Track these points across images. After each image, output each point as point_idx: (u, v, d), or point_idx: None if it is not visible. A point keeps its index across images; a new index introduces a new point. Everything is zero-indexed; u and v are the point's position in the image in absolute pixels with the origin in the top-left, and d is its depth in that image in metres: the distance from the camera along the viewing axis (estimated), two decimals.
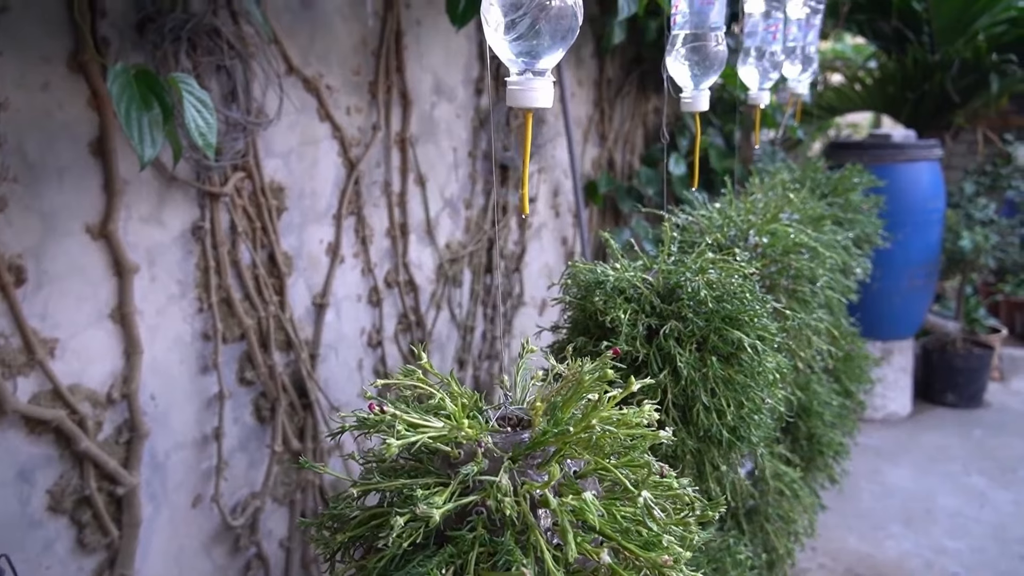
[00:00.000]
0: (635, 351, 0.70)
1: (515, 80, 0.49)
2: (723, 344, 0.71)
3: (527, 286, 2.18)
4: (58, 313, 1.07)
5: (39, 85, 1.02)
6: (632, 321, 0.70)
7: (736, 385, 0.70)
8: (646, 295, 0.72)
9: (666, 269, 0.75)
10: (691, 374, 0.69)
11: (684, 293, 0.71)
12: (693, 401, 0.70)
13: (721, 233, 0.95)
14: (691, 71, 0.74)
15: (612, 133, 2.50)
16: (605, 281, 0.72)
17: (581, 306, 0.74)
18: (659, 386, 0.69)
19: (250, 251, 1.33)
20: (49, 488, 1.08)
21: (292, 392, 1.44)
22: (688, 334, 0.70)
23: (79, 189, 1.08)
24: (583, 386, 0.52)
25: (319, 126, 1.47)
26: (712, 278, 0.72)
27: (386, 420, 0.52)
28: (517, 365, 0.64)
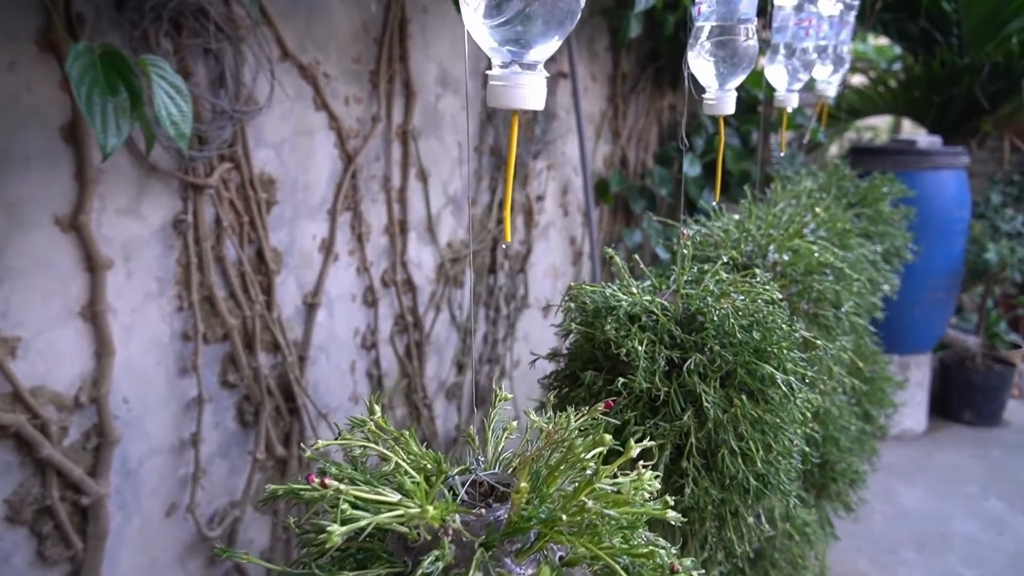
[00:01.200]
0: (655, 388, 0.61)
1: (498, 75, 0.40)
2: (751, 380, 0.62)
3: (532, 287, 2.10)
4: (22, 310, 1.00)
5: (4, 65, 0.94)
6: (650, 354, 0.62)
7: (765, 426, 0.61)
8: (663, 323, 0.64)
9: (685, 293, 0.67)
10: (718, 415, 0.60)
11: (708, 321, 0.62)
12: (719, 445, 0.61)
13: (738, 249, 0.87)
14: (717, 68, 0.66)
15: (626, 130, 2.41)
16: (618, 307, 0.63)
17: (588, 335, 0.66)
18: (681, 429, 0.61)
19: (236, 247, 1.25)
20: (7, 497, 1.01)
21: (278, 396, 1.36)
22: (714, 369, 0.62)
23: (48, 178, 1.00)
24: (574, 454, 0.44)
25: (315, 116, 1.38)
26: (740, 304, 0.63)
27: (328, 497, 0.43)
28: (489, 416, 0.55)
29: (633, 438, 0.60)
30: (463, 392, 1.88)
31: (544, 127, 1.96)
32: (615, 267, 0.74)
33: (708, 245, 0.95)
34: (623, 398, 0.60)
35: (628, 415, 0.60)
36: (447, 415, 1.86)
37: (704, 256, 0.92)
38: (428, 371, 1.76)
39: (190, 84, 1.13)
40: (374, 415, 0.51)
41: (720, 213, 1.05)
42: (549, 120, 1.99)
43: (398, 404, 1.68)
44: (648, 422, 0.61)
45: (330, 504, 0.42)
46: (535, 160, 2.01)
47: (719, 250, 0.92)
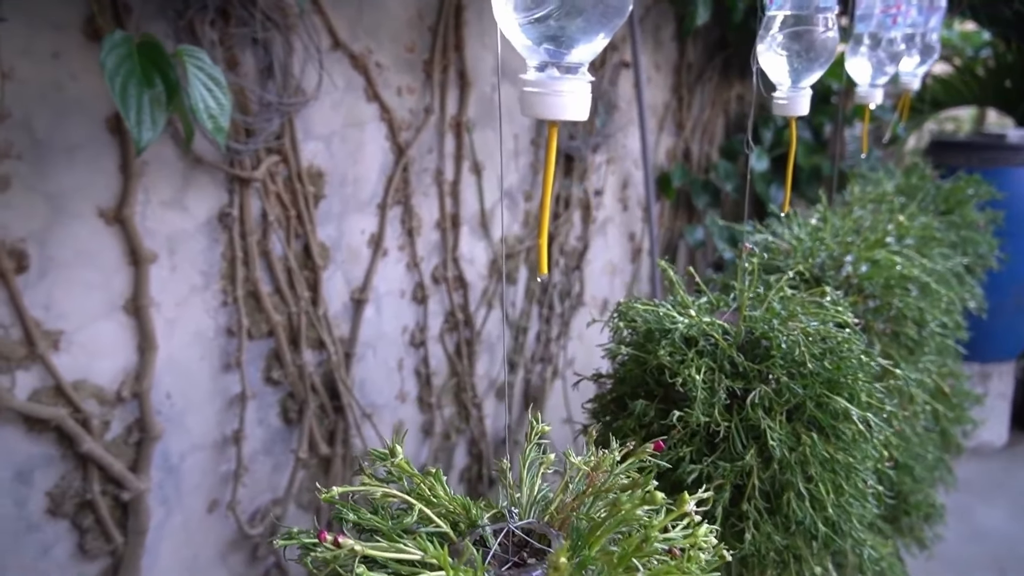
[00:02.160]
0: (714, 422, 0.55)
1: (533, 80, 0.35)
2: (822, 415, 0.55)
3: (588, 285, 2.03)
4: (64, 303, 0.99)
5: (49, 54, 0.93)
6: (709, 383, 0.55)
7: (836, 465, 0.54)
8: (724, 348, 0.57)
9: (747, 315, 0.60)
10: (784, 454, 0.53)
11: (775, 348, 0.56)
12: (784, 487, 0.55)
13: (809, 260, 0.79)
14: (790, 64, 0.58)
15: (690, 122, 2.31)
16: (673, 329, 0.57)
17: (638, 358, 0.60)
18: (743, 469, 0.54)
19: (282, 241, 1.22)
20: (49, 490, 1.00)
21: (323, 393, 1.34)
22: (782, 402, 0.55)
23: (92, 169, 0.99)
24: (620, 510, 0.38)
25: (366, 107, 1.35)
26: (810, 329, 0.56)
27: (341, 557, 0.38)
28: (523, 454, 0.50)
29: (690, 477, 0.54)
30: (514, 392, 1.84)
31: (604, 119, 1.89)
32: (667, 282, 0.67)
33: (778, 253, 0.87)
34: (677, 431, 0.54)
35: (683, 451, 0.54)
36: (497, 414, 1.81)
37: (772, 266, 0.84)
38: (478, 370, 1.72)
39: (236, 75, 1.10)
40: (396, 456, 0.46)
41: (794, 217, 0.97)
42: (609, 112, 1.92)
43: (447, 403, 1.64)
44: (705, 460, 0.54)
45: (342, 566, 0.37)
46: (594, 154, 1.94)
47: (789, 259, 0.84)
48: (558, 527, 0.43)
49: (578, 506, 0.42)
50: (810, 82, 0.60)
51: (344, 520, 0.43)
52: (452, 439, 1.67)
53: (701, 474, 0.54)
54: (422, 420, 1.60)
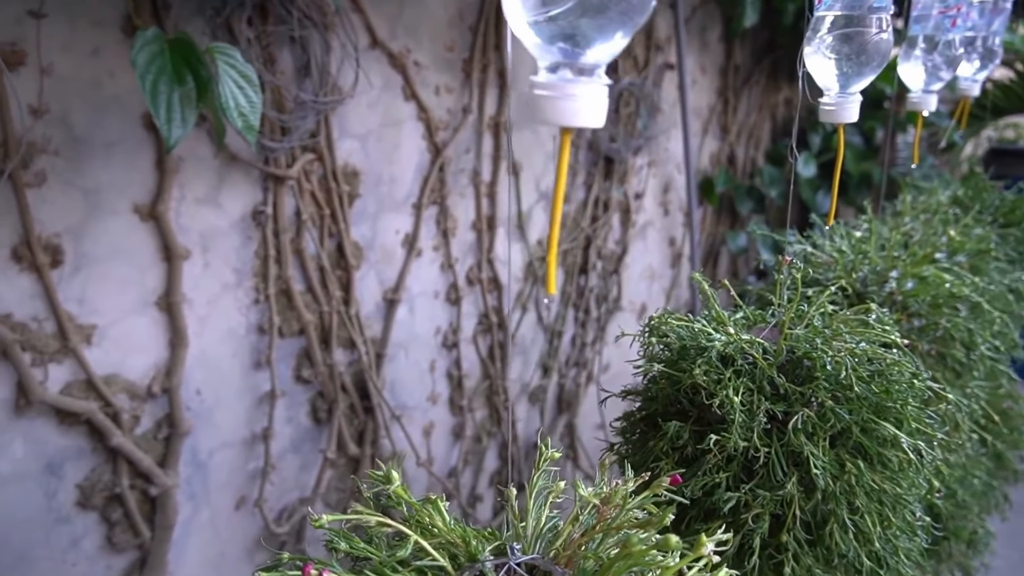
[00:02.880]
0: (753, 448, 0.52)
1: (544, 82, 0.32)
2: (868, 441, 0.52)
3: (626, 290, 2.00)
4: (98, 298, 0.99)
5: (88, 51, 0.93)
6: (748, 405, 0.52)
7: (883, 496, 0.51)
8: (764, 368, 0.54)
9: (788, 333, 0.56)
10: (829, 483, 0.50)
11: (818, 369, 0.52)
12: (828, 518, 0.51)
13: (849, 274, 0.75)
14: (839, 68, 0.55)
15: (735, 126, 2.26)
16: (710, 347, 0.54)
17: (670, 375, 0.57)
18: (783, 499, 0.51)
19: (315, 240, 1.22)
20: (79, 482, 1.01)
21: (353, 393, 1.33)
22: (826, 427, 0.52)
23: (128, 166, 0.99)
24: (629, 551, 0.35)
25: (403, 106, 1.34)
26: (858, 350, 0.53)
27: None
28: (530, 484, 0.47)
29: (726, 506, 0.51)
30: (547, 396, 1.81)
31: (646, 122, 1.85)
32: (703, 296, 0.64)
33: (817, 265, 0.83)
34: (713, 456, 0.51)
35: (719, 477, 0.51)
36: (529, 419, 1.79)
37: (811, 278, 0.81)
38: (511, 373, 1.70)
39: (273, 73, 1.10)
40: (393, 482, 0.44)
41: (837, 227, 0.93)
42: (652, 114, 1.88)
43: (478, 406, 1.63)
44: (743, 487, 0.51)
45: None
46: (635, 156, 1.90)
47: (829, 272, 0.80)
48: (564, 564, 0.40)
49: (587, 542, 0.40)
50: (860, 87, 0.56)
51: (336, 549, 0.42)
52: (483, 442, 1.66)
53: (738, 502, 0.51)
54: (453, 423, 1.58)
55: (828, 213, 0.66)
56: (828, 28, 0.54)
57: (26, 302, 0.93)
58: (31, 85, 0.89)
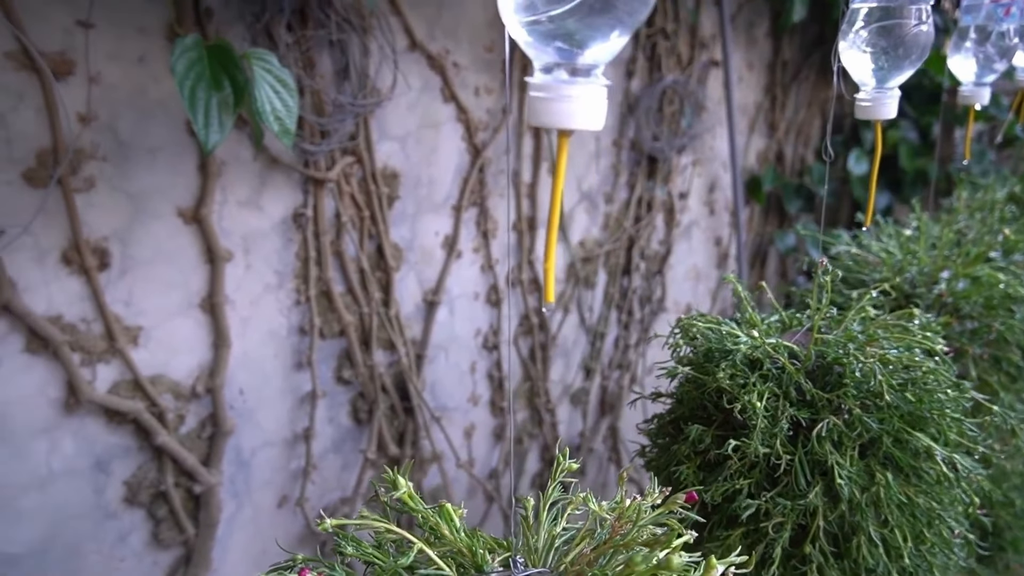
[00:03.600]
0: (775, 455, 0.50)
1: (539, 83, 0.31)
2: (900, 452, 0.50)
3: (670, 290, 1.97)
4: (143, 300, 1.02)
5: (134, 58, 0.96)
6: (772, 411, 0.51)
7: (916, 510, 0.49)
8: (791, 373, 0.52)
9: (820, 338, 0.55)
10: (855, 495, 0.48)
11: (848, 376, 0.50)
12: (855, 531, 0.49)
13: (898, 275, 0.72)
14: (875, 62, 0.53)
15: (784, 123, 2.21)
16: (735, 351, 0.53)
17: (697, 379, 0.55)
18: (806, 508, 0.49)
19: (355, 242, 1.23)
20: (126, 479, 1.04)
21: (393, 394, 1.34)
22: (853, 436, 0.50)
23: (172, 170, 1.02)
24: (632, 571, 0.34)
25: (442, 107, 1.34)
26: (890, 356, 0.51)
27: None
28: (545, 495, 0.46)
29: (745, 513, 0.49)
30: (589, 398, 1.80)
31: (691, 120, 1.83)
32: (736, 297, 0.62)
33: (864, 266, 0.81)
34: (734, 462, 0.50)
35: (740, 483, 0.50)
36: (571, 421, 1.78)
37: (857, 280, 0.78)
38: (553, 375, 1.69)
39: (313, 77, 1.11)
40: (400, 489, 0.44)
41: (885, 226, 0.90)
42: (696, 112, 1.85)
43: (520, 408, 1.62)
44: (764, 495, 0.50)
45: None
46: (679, 155, 1.87)
47: (876, 273, 0.78)
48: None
49: (596, 559, 0.39)
50: (898, 82, 0.54)
51: (343, 553, 0.42)
52: (524, 444, 1.65)
53: (758, 510, 0.49)
54: (494, 424, 1.58)
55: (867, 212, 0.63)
56: (864, 21, 0.52)
57: (75, 304, 0.96)
58: (79, 93, 0.92)
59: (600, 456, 1.89)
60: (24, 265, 0.91)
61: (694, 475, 0.53)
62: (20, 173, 0.89)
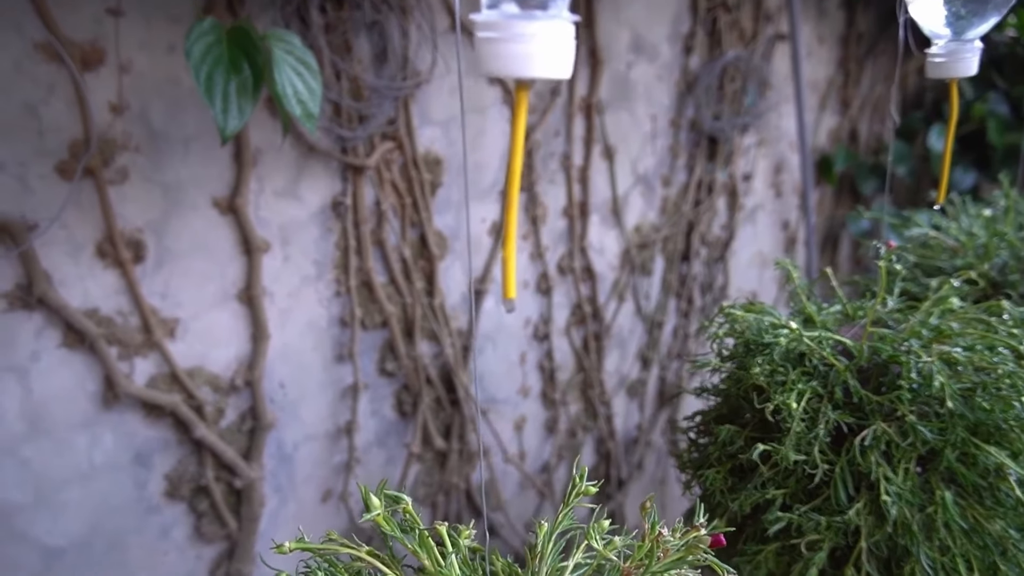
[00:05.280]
0: (811, 463, 0.44)
1: (488, 21, 0.25)
2: (966, 469, 0.42)
3: (733, 277, 1.88)
4: (180, 292, 1.00)
5: (165, 47, 0.94)
6: (811, 413, 0.44)
7: (987, 537, 0.42)
8: (840, 371, 0.46)
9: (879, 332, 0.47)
10: (905, 515, 0.41)
11: (904, 377, 0.43)
12: (906, 556, 0.43)
13: (984, 261, 0.64)
14: (950, 9, 0.45)
15: (857, 99, 2.08)
16: (774, 345, 0.46)
17: (735, 374, 0.49)
18: (846, 526, 0.43)
19: (396, 231, 1.19)
20: (167, 473, 1.03)
21: (439, 386, 1.30)
22: (906, 447, 0.43)
23: (207, 160, 1.00)
24: None
25: (487, 90, 1.29)
26: (958, 356, 0.43)
27: None
28: (554, 523, 0.41)
29: (772, 528, 0.43)
30: (647, 390, 1.73)
31: (754, 98, 1.72)
32: (791, 282, 0.55)
33: (939, 251, 0.72)
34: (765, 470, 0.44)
35: (771, 492, 0.44)
36: (628, 413, 1.72)
37: (932, 267, 0.70)
38: (607, 366, 1.62)
39: (349, 61, 1.08)
40: (372, 510, 0.39)
41: (962, 206, 0.80)
42: (761, 90, 1.75)
43: (572, 400, 1.57)
44: (798, 508, 0.43)
45: None
46: (742, 135, 1.78)
47: (956, 259, 0.69)
48: None
49: None
50: (978, 33, 0.46)
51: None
52: (578, 437, 1.60)
53: (790, 525, 0.43)
54: (545, 417, 1.53)
55: (940, 188, 0.55)
56: None
57: (111, 297, 0.95)
58: (110, 83, 0.90)
59: (659, 450, 1.82)
60: (59, 259, 0.90)
61: (723, 480, 0.47)
62: (53, 166, 0.88)
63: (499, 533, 1.44)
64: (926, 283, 0.67)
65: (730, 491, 0.46)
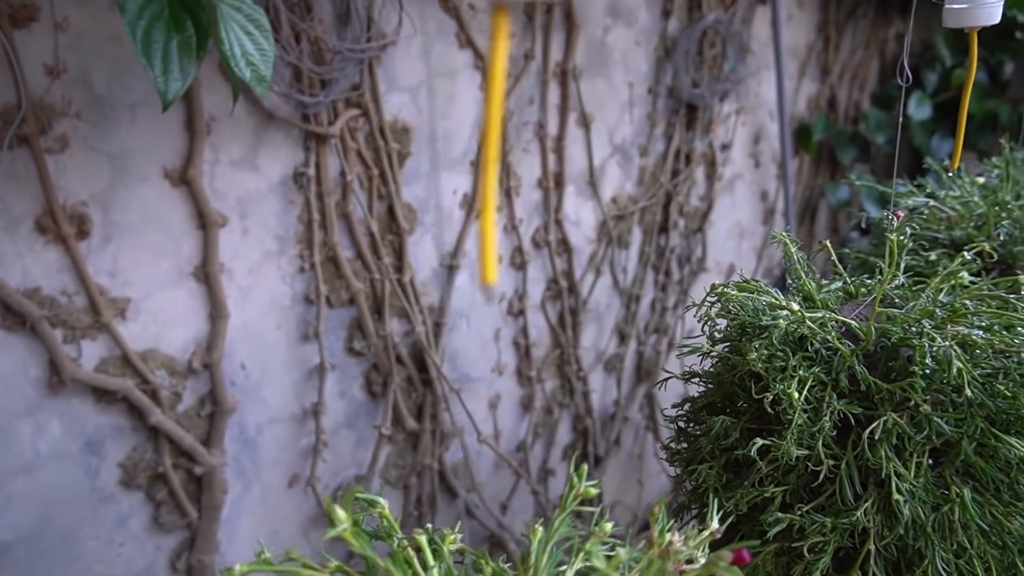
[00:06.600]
0: (815, 458, 0.39)
1: None
2: (985, 463, 0.39)
3: (711, 249, 1.84)
4: (130, 270, 0.94)
5: (107, 3, 0.86)
6: (814, 403, 0.40)
7: (1006, 536, 0.38)
8: (845, 356, 0.41)
9: (887, 312, 0.43)
10: (919, 514, 0.38)
11: (917, 363, 0.39)
12: (918, 558, 0.39)
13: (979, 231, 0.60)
14: None
15: (837, 66, 2.04)
16: (772, 327, 0.42)
17: (729, 359, 0.45)
18: (854, 527, 0.39)
19: (363, 203, 1.14)
20: (121, 461, 0.98)
21: (410, 365, 1.25)
22: (919, 440, 0.39)
23: (156, 128, 0.93)
24: None
25: (457, 54, 1.22)
26: (977, 338, 0.39)
27: None
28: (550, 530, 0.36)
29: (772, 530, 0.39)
30: (624, 364, 1.69)
31: (734, 64, 1.67)
32: (788, 258, 0.51)
33: (934, 221, 0.68)
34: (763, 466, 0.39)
35: (770, 490, 0.39)
36: (606, 389, 1.68)
37: (927, 237, 0.66)
38: (584, 341, 1.59)
39: (310, 21, 1.01)
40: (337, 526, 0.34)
41: (957, 175, 0.77)
42: (741, 55, 1.70)
43: (548, 377, 1.53)
44: (800, 508, 0.39)
45: None
46: (721, 102, 1.73)
47: (954, 230, 0.65)
48: None
49: None
50: None
51: None
52: (555, 414, 1.56)
53: (791, 527, 0.39)
54: (521, 394, 1.49)
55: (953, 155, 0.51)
56: None
57: (53, 275, 0.88)
58: (45, 42, 0.83)
59: (637, 425, 1.79)
60: None
61: (716, 477, 0.43)
62: None
63: (474, 514, 1.40)
64: (925, 255, 0.63)
65: (725, 488, 0.42)
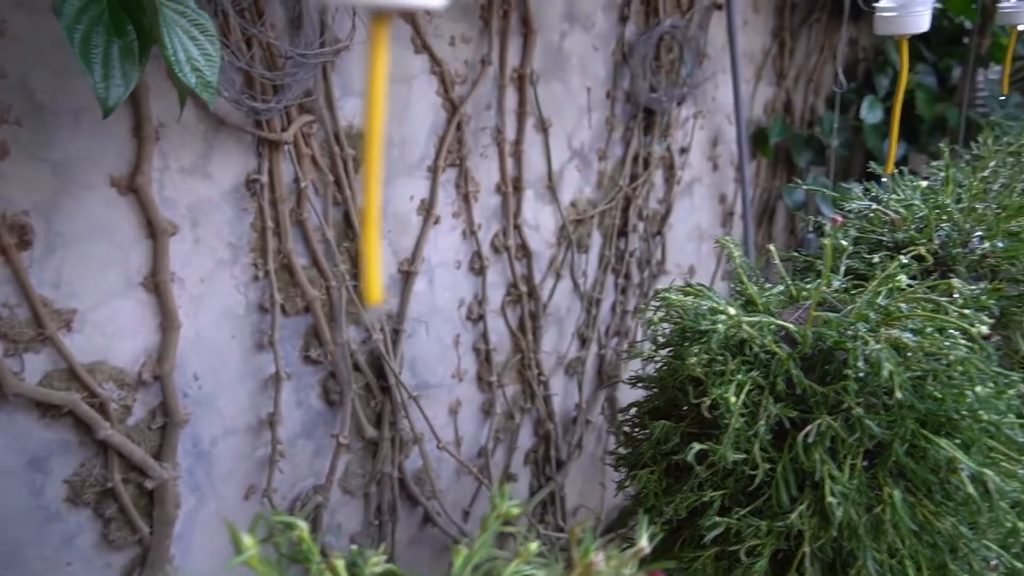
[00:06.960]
0: (752, 460, 0.40)
1: None
2: (916, 465, 0.39)
3: (671, 252, 1.86)
4: (76, 280, 0.92)
5: (46, 6, 0.84)
6: (751, 407, 0.40)
7: (936, 536, 0.39)
8: (782, 360, 0.42)
9: (824, 316, 0.44)
10: (851, 516, 0.38)
11: (851, 366, 0.40)
12: (852, 559, 0.39)
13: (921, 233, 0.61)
14: None
15: (793, 70, 2.07)
16: (711, 332, 0.42)
17: (671, 364, 0.45)
18: (789, 531, 0.39)
19: (318, 210, 1.12)
20: (67, 478, 0.95)
21: (368, 373, 1.24)
22: (852, 443, 0.39)
23: (101, 134, 0.91)
24: None
25: (413, 59, 1.22)
26: (907, 341, 0.40)
27: None
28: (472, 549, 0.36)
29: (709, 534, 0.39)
30: (585, 368, 1.70)
31: (691, 69, 1.69)
32: (732, 262, 0.51)
33: (879, 224, 0.69)
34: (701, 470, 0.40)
35: (708, 495, 0.40)
36: (567, 393, 1.68)
37: (872, 240, 0.67)
38: (545, 345, 1.59)
39: (261, 26, 0.99)
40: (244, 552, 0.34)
41: (900, 177, 0.78)
42: (697, 60, 1.72)
43: (509, 381, 1.52)
44: (737, 512, 0.40)
45: None
46: (679, 107, 1.74)
47: (897, 233, 0.66)
48: None
49: None
50: None
51: None
52: (516, 419, 1.56)
53: (729, 531, 0.39)
54: (482, 400, 1.49)
55: (888, 158, 0.52)
56: None
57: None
58: None
59: (599, 428, 1.80)
60: None
61: (657, 482, 0.43)
62: None
63: (435, 522, 1.39)
64: (868, 258, 0.64)
65: (665, 493, 0.42)
